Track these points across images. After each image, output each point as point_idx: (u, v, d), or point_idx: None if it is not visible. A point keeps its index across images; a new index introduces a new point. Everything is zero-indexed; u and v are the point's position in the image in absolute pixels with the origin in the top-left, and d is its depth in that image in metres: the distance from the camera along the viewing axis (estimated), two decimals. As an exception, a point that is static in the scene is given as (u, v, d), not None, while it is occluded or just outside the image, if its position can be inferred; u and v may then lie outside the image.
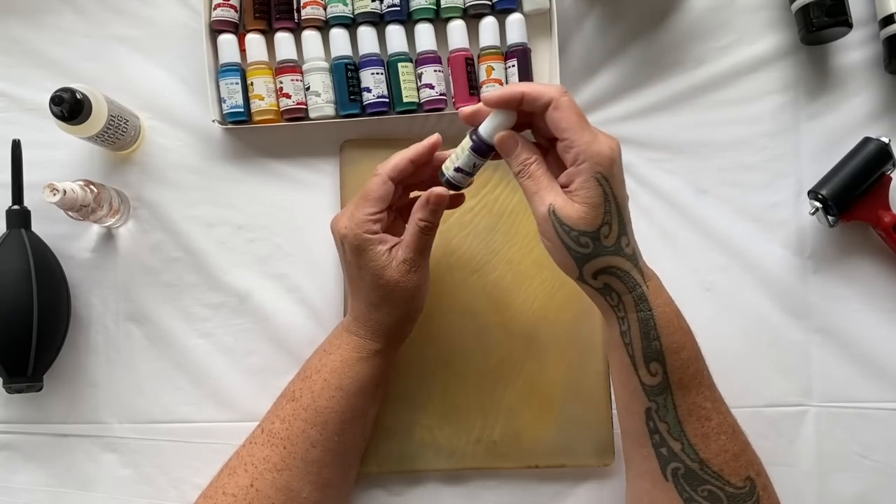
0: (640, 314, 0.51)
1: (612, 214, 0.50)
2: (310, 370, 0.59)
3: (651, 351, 0.51)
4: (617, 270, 0.51)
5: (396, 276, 0.56)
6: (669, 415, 0.51)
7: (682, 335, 0.52)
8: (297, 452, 0.56)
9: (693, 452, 0.51)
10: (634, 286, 0.51)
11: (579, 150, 0.49)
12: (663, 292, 0.52)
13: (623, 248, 0.51)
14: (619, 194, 0.50)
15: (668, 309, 0.52)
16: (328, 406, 0.57)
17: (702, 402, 0.52)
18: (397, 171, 0.57)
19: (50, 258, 0.65)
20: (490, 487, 0.66)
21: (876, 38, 0.68)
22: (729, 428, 0.52)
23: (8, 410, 0.67)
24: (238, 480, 0.56)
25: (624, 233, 0.51)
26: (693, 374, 0.51)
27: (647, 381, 0.52)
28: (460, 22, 0.66)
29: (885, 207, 0.65)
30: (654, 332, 0.51)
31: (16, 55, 0.69)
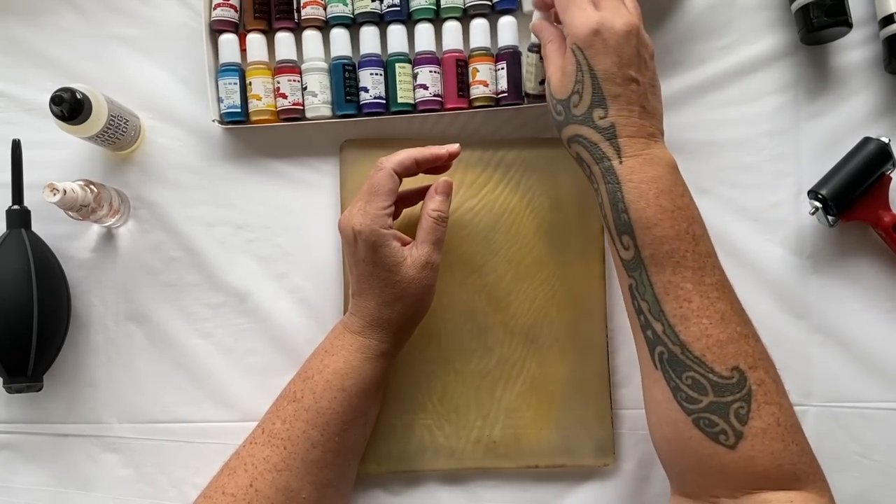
0: (607, 186, 0.52)
1: (584, 85, 0.52)
2: (311, 371, 0.59)
3: (620, 223, 0.52)
4: (584, 140, 0.53)
5: (412, 273, 0.57)
6: (648, 292, 0.51)
7: (656, 212, 0.51)
8: (297, 453, 0.56)
9: (673, 334, 0.50)
10: (601, 158, 0.53)
11: (564, 23, 0.54)
12: (647, 168, 0.52)
13: (594, 120, 0.52)
14: (602, 66, 0.52)
15: (644, 186, 0.51)
16: (329, 407, 0.57)
17: (679, 282, 0.50)
18: (402, 168, 0.57)
19: (50, 258, 0.65)
20: (490, 487, 0.66)
21: (876, 38, 0.68)
22: (716, 314, 0.50)
23: (8, 410, 0.67)
24: (238, 480, 0.56)
25: (600, 106, 0.52)
26: (668, 252, 0.51)
27: (623, 255, 0.53)
28: (455, 23, 0.66)
29: (885, 207, 0.65)
30: (622, 205, 0.52)
31: (16, 55, 0.69)
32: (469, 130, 0.68)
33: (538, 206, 0.66)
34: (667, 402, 0.51)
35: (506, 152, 0.67)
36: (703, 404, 0.49)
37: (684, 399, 0.50)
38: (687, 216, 0.52)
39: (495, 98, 0.66)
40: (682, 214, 0.52)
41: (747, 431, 0.48)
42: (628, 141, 0.52)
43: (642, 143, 0.52)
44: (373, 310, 0.58)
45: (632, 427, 0.66)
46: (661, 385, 0.51)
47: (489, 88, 0.66)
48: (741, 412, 0.49)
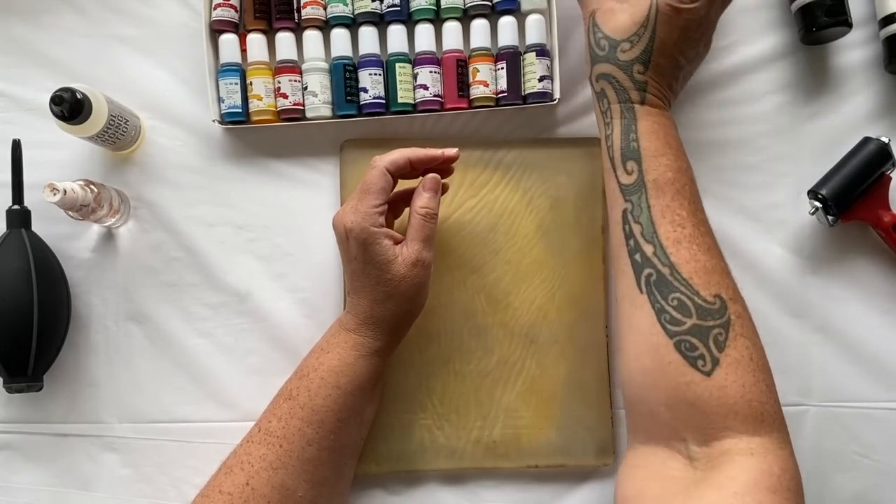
0: (623, 120, 0.55)
1: (642, 39, 0.54)
2: (307, 369, 0.59)
3: (629, 150, 0.55)
4: (615, 81, 0.56)
5: (403, 271, 0.57)
6: (643, 215, 0.53)
7: (664, 146, 0.54)
8: (293, 451, 0.56)
9: (664, 255, 0.52)
10: (625, 99, 0.56)
11: None
12: (662, 119, 0.55)
13: (632, 70, 0.55)
14: (663, 35, 0.54)
15: (657, 126, 0.55)
16: (324, 405, 0.57)
17: (677, 207, 0.53)
18: (395, 167, 0.58)
19: (50, 258, 0.65)
20: (490, 487, 0.66)
21: (876, 38, 0.68)
22: (704, 244, 0.53)
23: (8, 410, 0.67)
24: (234, 479, 0.56)
25: (644, 62, 0.55)
26: (671, 179, 0.53)
27: (624, 180, 0.54)
28: (455, 24, 0.66)
29: (884, 207, 0.65)
30: (634, 135, 0.55)
31: (16, 55, 0.69)
32: (469, 130, 0.68)
33: (538, 206, 0.66)
34: (649, 326, 0.52)
35: (506, 152, 0.67)
36: (685, 326, 0.51)
37: (668, 321, 0.51)
38: (688, 163, 0.56)
39: (495, 98, 0.66)
40: (685, 157, 0.56)
41: (723, 359, 0.50)
42: (652, 99, 0.56)
43: (660, 106, 0.56)
44: (366, 307, 0.58)
45: (632, 427, 0.66)
46: (644, 310, 0.52)
47: (489, 88, 0.66)
48: (720, 339, 0.50)
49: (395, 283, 0.57)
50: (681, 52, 0.56)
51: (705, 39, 0.58)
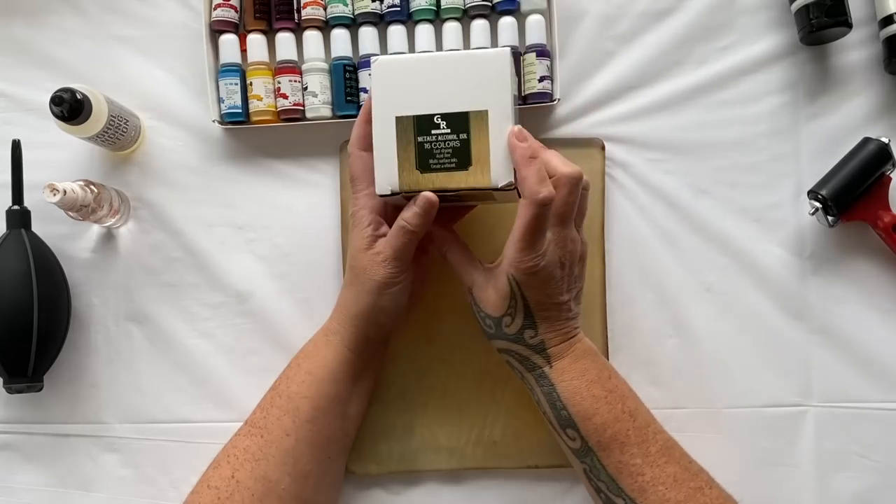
0: (542, 388, 0.56)
1: (517, 309, 0.55)
2: (291, 360, 0.61)
3: (562, 419, 0.56)
4: (515, 354, 0.57)
5: (366, 263, 0.57)
6: (602, 474, 0.54)
7: (592, 403, 0.55)
8: (273, 441, 0.56)
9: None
10: (533, 367, 0.57)
11: (510, 247, 0.54)
12: (574, 365, 0.56)
13: (525, 339, 0.56)
14: (535, 298, 0.54)
15: (576, 381, 0.55)
16: (298, 391, 0.58)
17: (629, 459, 0.54)
18: (362, 140, 0.57)
19: (50, 258, 0.65)
20: (490, 487, 0.66)
21: (876, 38, 0.68)
22: (668, 478, 0.53)
23: (8, 410, 0.67)
24: (221, 472, 0.56)
25: (531, 327, 0.55)
26: (612, 436, 0.54)
27: (571, 445, 0.56)
28: (455, 24, 0.66)
29: (884, 207, 0.65)
30: (560, 403, 0.55)
31: (16, 55, 0.69)
32: (469, 131, 0.68)
33: (538, 207, 0.66)
34: None
35: (506, 152, 0.67)
36: None
37: None
38: (619, 396, 0.56)
39: (495, 98, 0.66)
40: (614, 397, 0.55)
41: None
42: (555, 349, 0.56)
43: (567, 344, 0.56)
44: (342, 292, 0.60)
45: (632, 427, 0.66)
46: None
47: (489, 88, 0.66)
48: None
49: (357, 272, 0.57)
50: (560, 294, 0.55)
51: (579, 264, 0.57)
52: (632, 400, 0.57)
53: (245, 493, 0.55)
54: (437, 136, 0.55)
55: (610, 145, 0.67)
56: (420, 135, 0.55)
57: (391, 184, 0.55)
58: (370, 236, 0.57)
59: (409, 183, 0.55)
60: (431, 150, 0.55)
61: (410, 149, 0.55)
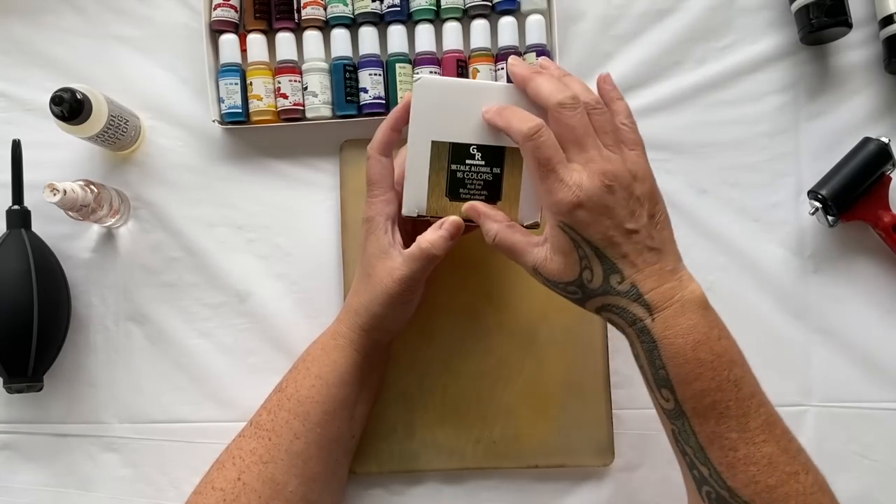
0: (643, 345, 0.50)
1: (589, 258, 0.50)
2: (297, 361, 0.60)
3: (659, 378, 0.50)
4: (613, 307, 0.51)
5: (382, 274, 0.56)
6: (691, 440, 0.50)
7: (695, 366, 0.49)
8: (281, 444, 0.56)
9: (720, 479, 0.49)
10: (634, 321, 0.50)
11: (544, 194, 0.50)
12: (680, 320, 0.49)
13: (614, 287, 0.50)
14: (598, 236, 0.49)
15: (680, 340, 0.49)
16: (309, 395, 0.57)
17: (724, 432, 0.49)
18: (383, 146, 0.56)
19: (50, 258, 0.65)
20: (490, 487, 0.66)
21: (876, 38, 0.68)
22: (762, 459, 0.48)
23: (8, 410, 0.67)
24: (226, 474, 0.56)
25: (613, 271, 0.50)
26: (710, 404, 0.49)
27: (663, 405, 0.51)
28: (455, 24, 0.66)
29: (884, 207, 0.65)
30: (660, 362, 0.50)
31: (16, 55, 0.69)
32: (469, 130, 0.68)
33: (538, 206, 0.66)
34: None
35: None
36: None
37: None
38: (726, 361, 0.50)
39: (495, 98, 0.66)
40: (721, 362, 0.49)
41: None
42: (654, 294, 0.50)
43: (668, 289, 0.50)
44: (351, 294, 0.59)
45: (631, 427, 0.66)
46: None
47: (489, 88, 0.66)
48: None
49: (374, 282, 0.56)
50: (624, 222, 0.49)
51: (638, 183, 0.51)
52: (739, 367, 0.50)
53: (252, 496, 0.55)
54: (471, 167, 0.54)
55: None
56: (454, 163, 0.54)
57: (419, 207, 0.55)
58: (387, 245, 0.56)
59: (436, 209, 0.55)
60: (463, 180, 0.55)
61: (442, 175, 0.54)
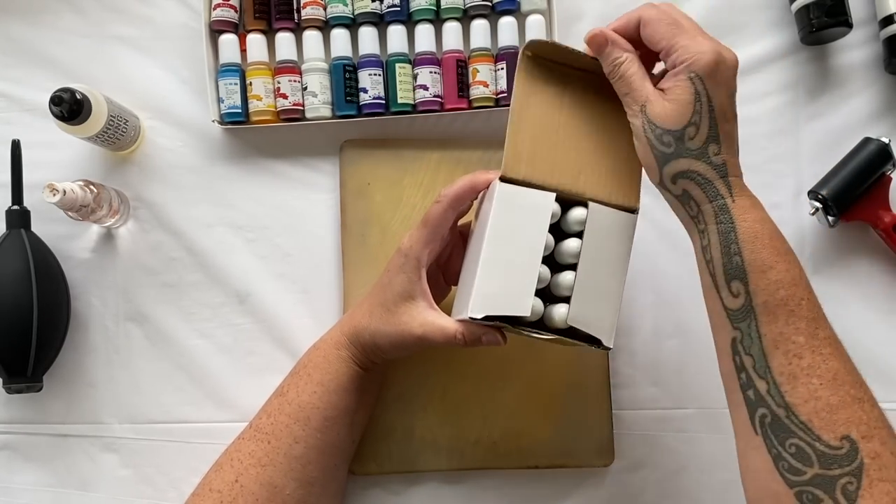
0: (719, 226, 0.48)
1: (703, 115, 0.48)
2: (298, 365, 0.60)
3: (732, 267, 0.47)
4: (697, 176, 0.49)
5: (404, 317, 0.55)
6: (754, 346, 0.46)
7: (772, 254, 0.47)
8: (280, 448, 0.56)
9: (778, 394, 0.45)
10: (716, 196, 0.48)
11: (677, 52, 0.49)
12: (758, 211, 0.48)
13: (709, 155, 0.48)
14: (719, 99, 0.48)
15: (758, 225, 0.47)
16: (310, 401, 0.57)
17: (792, 334, 0.46)
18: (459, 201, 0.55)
19: (50, 258, 0.65)
20: (490, 487, 0.66)
21: (876, 38, 0.68)
22: (827, 373, 0.45)
23: (8, 410, 0.67)
24: (224, 476, 0.56)
25: (715, 140, 0.48)
26: (783, 298, 0.46)
27: (729, 304, 0.48)
28: (455, 24, 0.66)
29: (885, 207, 0.65)
30: (736, 247, 0.47)
31: (16, 55, 0.69)
32: (469, 131, 0.68)
33: (538, 207, 0.66)
34: (767, 471, 0.45)
35: (506, 152, 0.67)
36: (807, 476, 0.44)
37: (786, 469, 0.45)
38: (797, 261, 0.48)
39: (495, 98, 0.66)
40: (793, 258, 0.48)
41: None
42: (736, 181, 0.49)
43: (743, 183, 0.50)
44: (357, 312, 0.59)
45: (631, 428, 0.66)
46: (761, 452, 0.46)
47: (489, 89, 0.66)
48: (849, 489, 0.43)
49: (389, 316, 0.55)
50: (734, 105, 0.50)
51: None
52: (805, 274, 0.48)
53: (249, 498, 0.55)
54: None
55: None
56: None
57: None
58: (417, 293, 0.55)
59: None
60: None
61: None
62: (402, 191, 0.66)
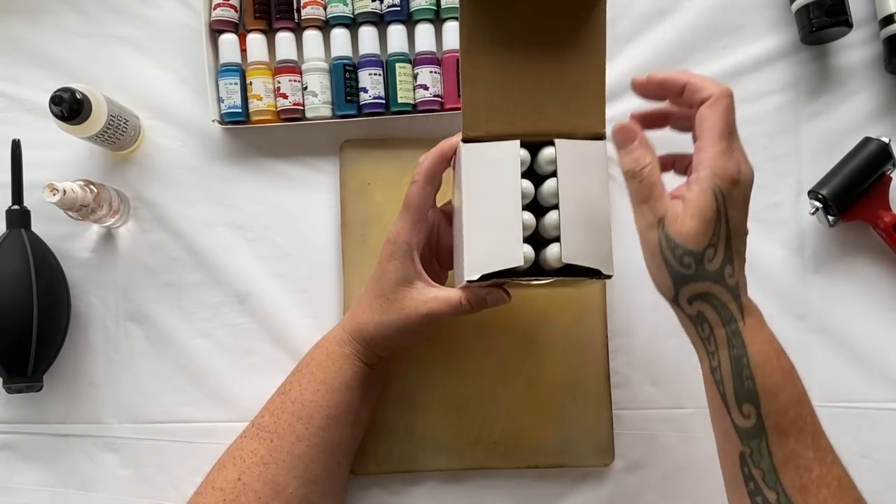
0: (731, 351, 0.48)
1: (721, 237, 0.47)
2: (301, 364, 0.60)
3: (744, 391, 0.48)
4: (714, 299, 0.48)
5: (405, 302, 0.55)
6: (764, 461, 0.47)
7: (781, 376, 0.48)
8: (283, 446, 0.56)
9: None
10: (729, 320, 0.48)
11: (707, 156, 0.47)
12: (764, 329, 0.49)
13: (725, 277, 0.48)
14: (735, 220, 0.47)
15: (767, 347, 0.48)
16: (313, 399, 0.57)
17: (802, 450, 0.47)
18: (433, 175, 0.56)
19: (50, 258, 0.65)
20: (490, 487, 0.66)
21: (876, 38, 0.68)
22: (833, 481, 0.47)
23: (8, 410, 0.67)
24: (226, 474, 0.56)
25: (730, 261, 0.48)
26: (793, 418, 0.47)
27: (740, 423, 0.48)
28: (455, 24, 0.66)
29: (885, 207, 0.65)
30: (748, 371, 0.47)
31: (16, 55, 0.69)
32: (469, 130, 0.68)
33: (538, 206, 0.66)
34: None
35: (506, 152, 0.67)
36: None
37: None
38: (797, 375, 0.49)
39: (495, 98, 0.66)
40: (796, 374, 0.48)
41: None
42: (746, 300, 0.49)
43: (749, 299, 0.49)
44: (359, 311, 0.58)
45: (631, 427, 0.66)
46: None
47: (489, 88, 0.66)
48: None
49: (390, 305, 0.56)
50: (747, 222, 0.49)
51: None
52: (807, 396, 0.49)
53: (251, 496, 0.55)
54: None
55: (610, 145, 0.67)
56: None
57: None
58: (412, 275, 0.55)
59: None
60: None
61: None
62: (402, 191, 0.66)
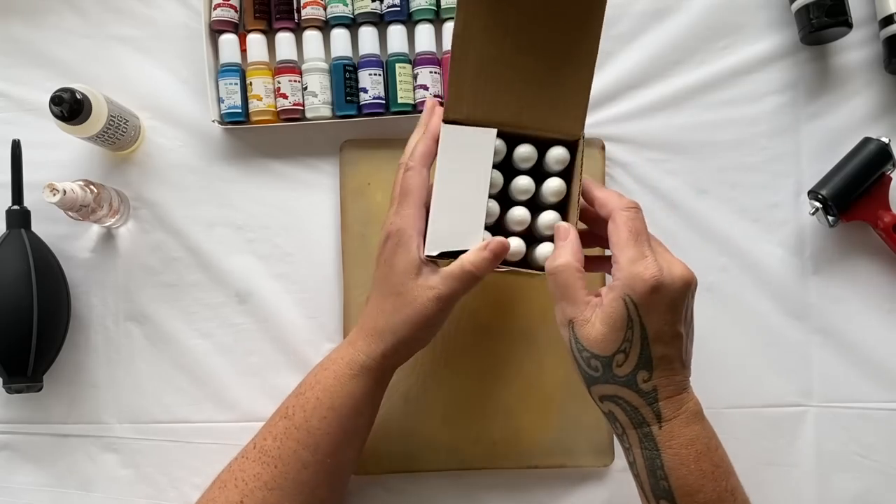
0: (644, 451, 0.49)
1: (633, 342, 0.47)
2: (305, 386, 0.57)
3: (659, 489, 0.48)
4: (624, 402, 0.49)
5: (417, 293, 0.53)
6: None
7: (698, 478, 0.48)
8: (288, 473, 0.54)
9: None
10: (641, 423, 0.48)
11: (619, 266, 0.48)
12: (685, 430, 0.48)
13: (638, 383, 0.48)
14: (655, 326, 0.47)
15: (684, 451, 0.48)
16: (320, 427, 0.55)
17: None
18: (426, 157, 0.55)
19: (50, 258, 0.65)
20: (490, 487, 0.66)
21: (876, 38, 0.68)
22: None
23: (8, 410, 0.67)
24: (228, 495, 0.54)
25: (646, 367, 0.47)
26: None
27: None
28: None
29: (885, 207, 0.65)
30: (662, 472, 0.48)
31: (16, 55, 0.69)
32: (469, 130, 0.68)
33: (538, 207, 0.66)
34: None
35: (506, 152, 0.67)
36: None
37: None
38: (723, 472, 0.49)
39: (495, 98, 0.66)
40: (720, 472, 0.49)
41: None
42: (667, 403, 0.48)
43: (679, 400, 0.49)
44: (367, 320, 0.56)
45: (632, 427, 0.66)
46: None
47: (489, 88, 0.66)
48: None
49: (406, 301, 0.53)
50: (678, 323, 0.48)
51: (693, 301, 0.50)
52: (733, 476, 0.50)
53: None
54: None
55: (610, 145, 0.67)
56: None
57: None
58: (420, 262, 0.53)
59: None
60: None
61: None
62: (402, 191, 0.66)
